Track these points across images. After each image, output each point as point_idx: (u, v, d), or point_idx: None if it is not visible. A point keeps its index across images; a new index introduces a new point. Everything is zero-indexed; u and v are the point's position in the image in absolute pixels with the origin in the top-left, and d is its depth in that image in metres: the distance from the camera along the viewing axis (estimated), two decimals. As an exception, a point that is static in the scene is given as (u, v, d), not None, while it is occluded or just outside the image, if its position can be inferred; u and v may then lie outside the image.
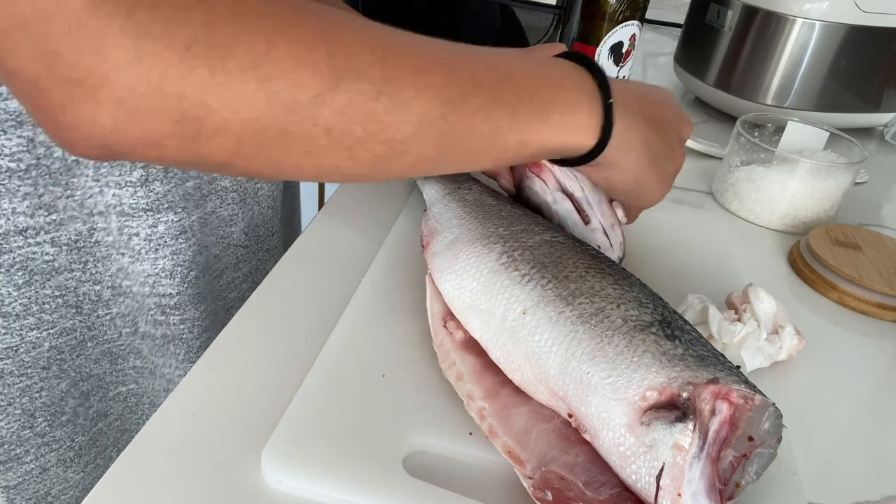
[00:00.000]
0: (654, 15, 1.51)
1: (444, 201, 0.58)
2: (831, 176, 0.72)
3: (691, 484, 0.33)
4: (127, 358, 0.62)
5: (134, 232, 0.56)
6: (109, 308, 0.59)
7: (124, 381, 0.64)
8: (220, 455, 0.41)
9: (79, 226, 0.54)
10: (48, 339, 0.56)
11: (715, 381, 0.35)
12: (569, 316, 0.42)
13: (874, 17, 0.87)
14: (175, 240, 0.58)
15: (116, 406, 0.65)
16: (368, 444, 0.40)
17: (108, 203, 0.54)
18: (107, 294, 0.58)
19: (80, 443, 0.62)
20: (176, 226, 0.57)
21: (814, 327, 0.60)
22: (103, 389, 0.63)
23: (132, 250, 0.57)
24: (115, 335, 0.60)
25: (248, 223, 0.66)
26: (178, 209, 0.57)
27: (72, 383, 0.59)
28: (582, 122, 0.43)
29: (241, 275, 0.69)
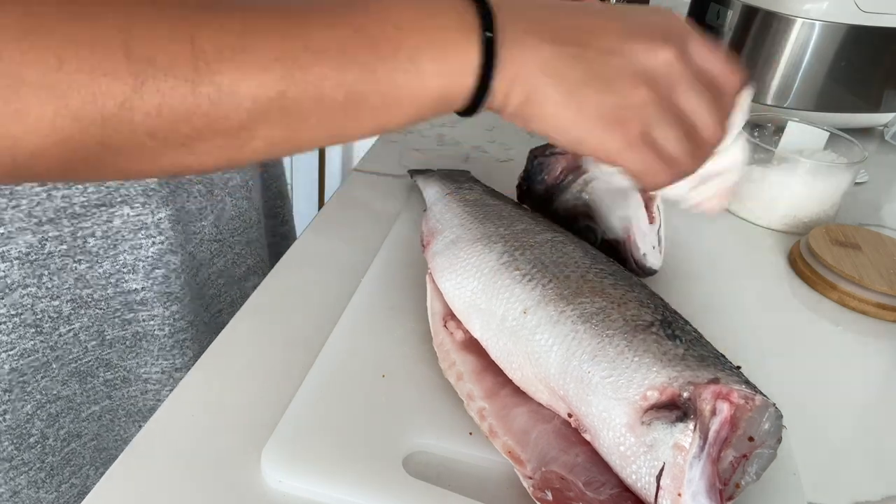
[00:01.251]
0: (654, 15, 1.51)
1: (444, 201, 0.58)
2: (831, 176, 0.72)
3: (691, 484, 0.33)
4: (96, 374, 0.59)
5: (89, 233, 0.53)
6: (71, 323, 0.55)
7: (96, 400, 0.60)
8: (220, 455, 0.41)
9: (28, 237, 0.51)
10: (8, 362, 0.53)
11: (716, 381, 0.35)
12: (570, 315, 0.42)
13: (874, 17, 0.87)
14: (134, 235, 0.55)
15: (91, 426, 0.61)
16: (368, 444, 0.40)
17: (58, 207, 0.51)
18: (67, 309, 0.55)
19: (52, 463, 0.60)
20: (133, 220, 0.54)
21: (814, 327, 0.60)
22: (74, 411, 0.59)
23: (88, 254, 0.54)
24: (80, 352, 0.57)
25: (219, 216, 0.63)
26: (134, 203, 0.54)
27: (38, 405, 0.56)
28: (457, 63, 0.36)
29: (216, 270, 0.65)
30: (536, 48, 0.37)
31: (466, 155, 0.81)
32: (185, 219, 0.59)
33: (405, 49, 0.35)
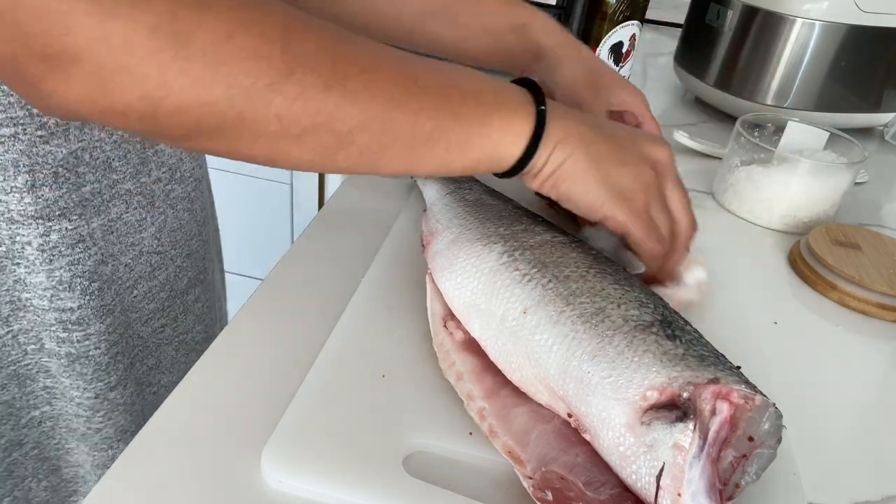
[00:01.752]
0: (654, 15, 1.51)
1: (444, 201, 0.58)
2: (831, 176, 0.72)
3: (691, 484, 0.33)
4: (36, 378, 0.58)
5: (26, 241, 0.52)
6: (10, 325, 0.54)
7: (37, 405, 0.59)
8: (220, 455, 0.41)
9: None
10: None
11: (716, 381, 0.35)
12: (569, 315, 0.42)
13: (874, 17, 0.87)
14: (72, 249, 0.53)
15: (31, 433, 0.60)
16: (368, 445, 0.40)
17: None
18: (6, 310, 0.53)
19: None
20: (72, 234, 0.53)
21: (814, 327, 0.60)
22: (14, 416, 0.58)
23: (26, 260, 0.52)
24: (19, 354, 0.56)
25: (160, 228, 0.62)
26: (72, 216, 0.53)
27: None
28: (517, 127, 0.45)
29: (157, 283, 0.63)
30: (577, 125, 0.47)
31: (466, 155, 0.81)
32: (121, 230, 0.57)
33: (483, 105, 0.44)
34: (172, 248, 0.64)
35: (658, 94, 1.12)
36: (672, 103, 1.09)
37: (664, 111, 1.06)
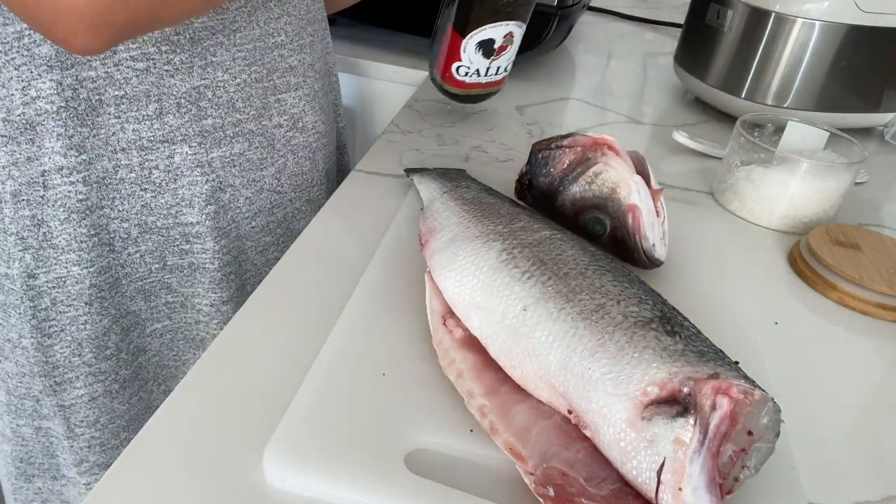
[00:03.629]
0: (654, 15, 1.52)
1: (442, 199, 0.58)
2: (831, 176, 0.72)
3: (692, 478, 0.33)
4: (159, 294, 0.67)
5: (153, 165, 0.61)
6: (138, 245, 0.64)
7: (158, 318, 0.69)
8: (222, 454, 0.41)
9: (105, 163, 0.59)
10: (88, 277, 0.62)
11: (715, 377, 0.35)
12: (569, 312, 0.42)
13: (874, 17, 0.87)
14: (191, 171, 0.62)
15: (154, 342, 0.70)
16: (370, 443, 0.40)
17: (129, 139, 0.59)
18: (135, 232, 0.63)
19: (124, 376, 0.68)
20: (190, 158, 0.62)
21: (814, 327, 0.60)
22: (140, 326, 0.68)
23: (153, 184, 0.61)
24: (145, 272, 0.65)
25: (280, 170, 0.70)
26: (192, 143, 0.62)
27: (113, 320, 0.65)
28: None
29: (275, 220, 0.72)
30: None
31: (466, 155, 0.81)
32: (244, 165, 0.66)
33: None
34: (292, 190, 0.73)
35: (658, 94, 1.13)
36: (672, 103, 1.09)
37: (664, 111, 1.06)
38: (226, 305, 0.68)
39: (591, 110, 1.02)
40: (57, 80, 0.55)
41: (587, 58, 1.27)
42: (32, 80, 0.55)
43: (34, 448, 0.71)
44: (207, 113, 0.62)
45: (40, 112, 0.56)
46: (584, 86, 1.13)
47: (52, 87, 0.55)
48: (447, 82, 0.82)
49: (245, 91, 0.64)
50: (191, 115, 0.61)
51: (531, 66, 1.14)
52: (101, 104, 0.57)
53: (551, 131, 0.90)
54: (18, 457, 0.71)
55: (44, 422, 0.68)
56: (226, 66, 0.61)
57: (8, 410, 0.69)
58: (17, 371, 0.66)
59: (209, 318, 0.69)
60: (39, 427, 0.69)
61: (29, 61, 0.55)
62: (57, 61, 0.55)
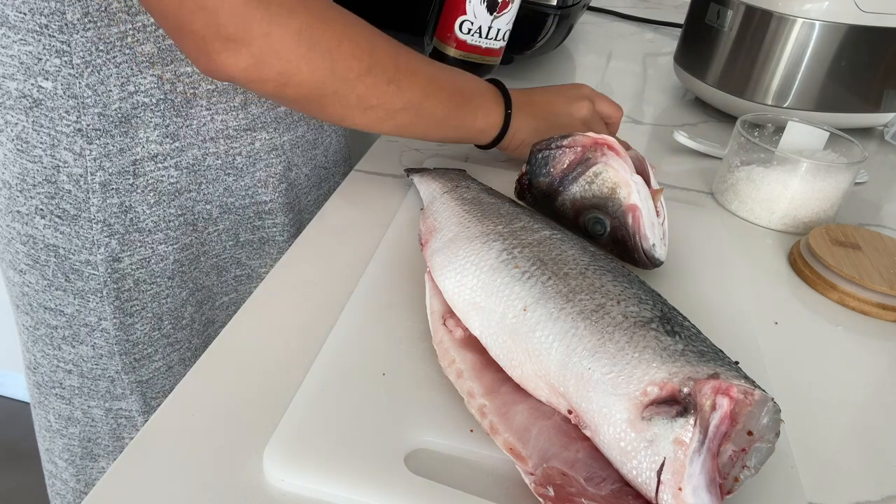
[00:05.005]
0: (654, 15, 1.52)
1: (442, 199, 0.58)
2: (831, 176, 0.72)
3: (692, 478, 0.33)
4: (229, 269, 0.76)
5: (237, 152, 0.69)
6: (217, 225, 0.71)
7: (226, 291, 0.77)
8: (222, 454, 0.41)
9: (195, 151, 0.66)
10: (172, 253, 0.68)
11: (715, 377, 0.35)
12: (569, 312, 0.42)
13: (874, 17, 0.87)
14: (268, 155, 0.71)
15: (221, 314, 0.78)
16: (370, 443, 0.40)
17: (218, 129, 0.66)
18: (216, 212, 0.70)
19: (196, 345, 0.75)
20: (268, 143, 0.71)
21: (814, 327, 0.60)
22: (211, 299, 0.76)
23: (236, 169, 0.70)
24: (220, 249, 0.73)
25: (327, 147, 0.81)
26: (269, 129, 0.71)
27: (190, 293, 0.72)
28: (491, 120, 0.69)
29: (323, 193, 0.83)
30: (527, 121, 0.71)
31: (466, 155, 0.81)
32: (304, 146, 0.76)
33: (472, 103, 0.67)
34: (335, 165, 0.84)
35: (658, 94, 1.13)
36: (672, 103, 1.09)
37: (664, 111, 1.06)
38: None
39: (591, 110, 1.02)
40: (157, 76, 0.62)
41: (587, 58, 1.27)
42: (132, 77, 0.61)
43: (102, 430, 0.76)
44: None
45: (137, 105, 0.62)
46: (584, 86, 1.13)
47: (152, 82, 0.62)
48: (447, 43, 0.83)
49: None
50: (268, 104, 0.70)
51: (531, 66, 1.14)
52: (195, 97, 0.64)
53: (551, 131, 0.90)
54: (87, 437, 0.77)
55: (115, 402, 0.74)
56: None
57: (80, 393, 0.73)
58: (93, 354, 0.71)
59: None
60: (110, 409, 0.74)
61: (130, 59, 0.60)
62: (159, 58, 0.61)
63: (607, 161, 0.57)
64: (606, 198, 0.57)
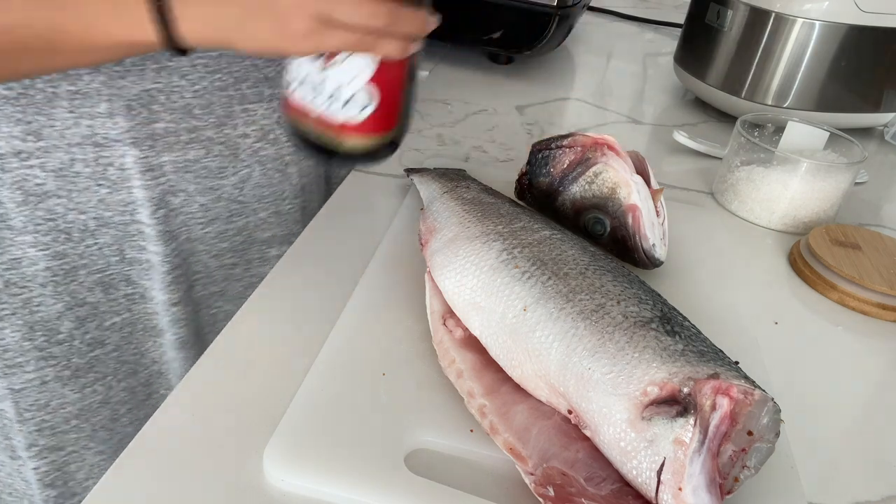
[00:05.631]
0: (654, 15, 1.52)
1: (442, 199, 0.58)
2: (831, 176, 0.72)
3: (692, 478, 0.33)
4: (118, 287, 0.67)
5: (108, 162, 0.60)
6: (96, 238, 0.63)
7: (118, 311, 0.68)
8: (222, 454, 0.41)
9: (62, 155, 0.59)
10: (43, 260, 0.62)
11: (715, 377, 0.35)
12: (569, 312, 0.42)
13: (874, 17, 0.87)
14: (142, 175, 0.62)
15: (113, 336, 0.69)
16: (370, 443, 0.40)
17: (84, 134, 0.59)
18: (92, 224, 0.62)
19: (77, 364, 0.67)
20: (142, 162, 0.61)
21: (814, 327, 0.60)
22: (99, 318, 0.67)
23: (108, 181, 0.61)
24: (104, 265, 0.65)
25: (244, 180, 0.68)
26: (142, 145, 0.61)
27: (67, 307, 0.65)
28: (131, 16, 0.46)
29: (234, 228, 0.70)
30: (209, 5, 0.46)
31: (466, 155, 0.81)
32: (200, 172, 0.65)
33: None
34: (257, 201, 0.70)
35: (658, 94, 1.13)
36: (672, 103, 1.09)
37: (664, 111, 1.06)
38: (175, 307, 0.68)
39: (591, 110, 1.02)
40: None
41: (587, 58, 1.27)
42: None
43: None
44: (160, 117, 0.60)
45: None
46: (584, 86, 1.13)
47: None
48: (284, 110, 0.53)
49: (205, 98, 0.62)
50: (141, 118, 0.60)
51: (531, 66, 1.14)
52: (55, 97, 0.57)
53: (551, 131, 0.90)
54: None
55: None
56: (183, 72, 0.60)
57: None
58: None
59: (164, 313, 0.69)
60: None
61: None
62: None
63: (607, 161, 0.57)
64: (606, 198, 0.57)
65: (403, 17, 0.46)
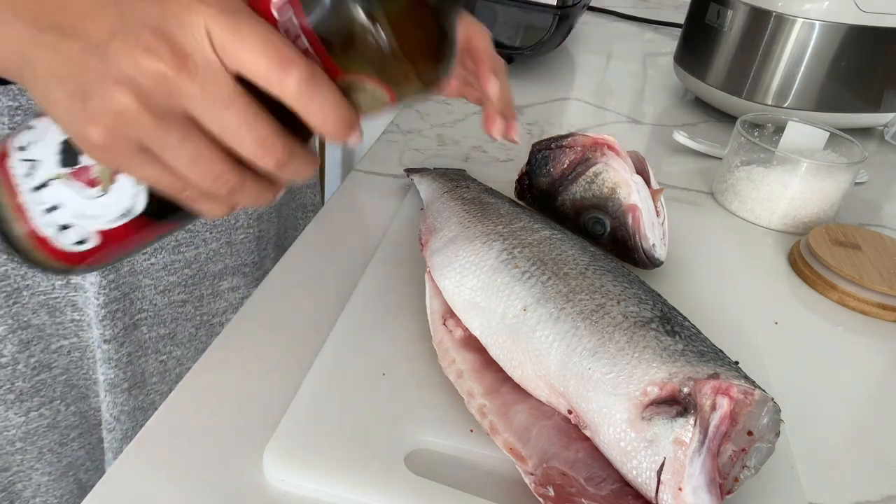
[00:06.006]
0: (654, 15, 1.52)
1: (442, 199, 0.58)
2: (831, 176, 0.72)
3: (692, 478, 0.33)
4: (64, 311, 0.63)
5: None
6: None
7: (65, 335, 0.64)
8: (222, 454, 0.41)
9: None
10: None
11: (715, 377, 0.35)
12: (569, 312, 0.42)
13: (874, 17, 0.87)
14: None
15: (61, 360, 0.65)
16: (370, 443, 0.40)
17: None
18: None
19: (21, 388, 0.63)
20: None
21: (814, 327, 0.60)
22: (45, 341, 0.63)
23: None
24: (49, 287, 0.61)
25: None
26: None
27: (9, 329, 0.61)
28: None
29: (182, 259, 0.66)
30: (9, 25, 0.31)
31: (466, 155, 0.81)
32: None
33: None
34: (207, 231, 0.66)
35: (658, 94, 1.13)
36: (672, 103, 1.09)
37: (664, 111, 1.06)
38: (107, 344, 0.63)
39: (591, 110, 1.02)
40: None
41: (587, 58, 1.27)
42: None
43: None
44: None
45: None
46: (584, 86, 1.13)
47: None
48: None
49: None
50: None
51: (531, 66, 1.14)
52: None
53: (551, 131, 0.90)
54: None
55: None
56: None
57: None
58: None
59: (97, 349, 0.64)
60: None
61: None
62: None
63: (607, 161, 0.57)
64: (606, 198, 0.57)
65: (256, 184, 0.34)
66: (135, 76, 0.29)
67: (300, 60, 0.30)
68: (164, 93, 0.30)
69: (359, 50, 0.31)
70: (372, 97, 0.33)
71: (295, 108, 0.31)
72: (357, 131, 0.33)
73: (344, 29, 0.30)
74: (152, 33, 0.29)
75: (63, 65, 0.30)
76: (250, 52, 0.29)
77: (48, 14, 0.31)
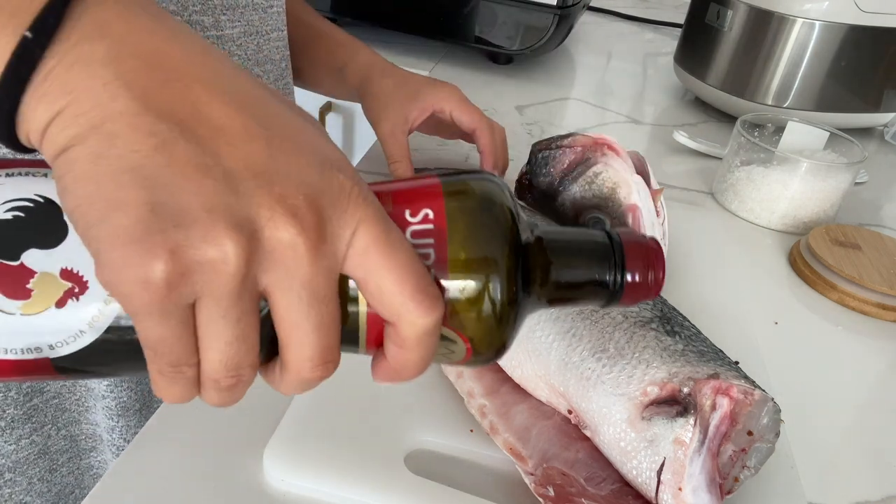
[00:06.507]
0: (654, 15, 1.52)
1: (444, 200, 0.58)
2: (831, 176, 0.72)
3: (692, 478, 0.33)
4: None
5: None
6: None
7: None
8: (222, 454, 0.41)
9: None
10: None
11: (716, 377, 0.35)
12: (569, 312, 0.42)
13: (874, 17, 0.87)
14: None
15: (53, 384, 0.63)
16: (370, 442, 0.40)
17: None
18: None
19: (13, 415, 0.61)
20: None
21: (814, 327, 0.60)
22: None
23: None
24: None
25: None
26: None
27: None
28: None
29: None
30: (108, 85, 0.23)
31: (466, 155, 0.81)
32: None
33: None
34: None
35: (658, 94, 1.13)
36: (672, 103, 1.09)
37: (664, 111, 1.06)
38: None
39: (591, 110, 1.02)
40: None
41: (587, 58, 1.27)
42: None
43: None
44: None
45: None
46: (584, 86, 1.13)
47: None
48: None
49: None
50: None
51: (531, 66, 1.14)
52: None
53: (551, 131, 0.90)
54: None
55: None
56: None
57: None
58: None
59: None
60: None
61: None
62: None
63: (607, 161, 0.57)
64: (606, 198, 0.57)
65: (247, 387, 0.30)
66: (261, 230, 0.24)
67: (442, 305, 0.26)
68: (273, 262, 0.25)
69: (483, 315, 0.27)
70: (450, 352, 0.29)
71: (396, 345, 0.27)
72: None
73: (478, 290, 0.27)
74: (305, 199, 0.25)
75: (166, 168, 0.23)
76: (391, 270, 0.25)
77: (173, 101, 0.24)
